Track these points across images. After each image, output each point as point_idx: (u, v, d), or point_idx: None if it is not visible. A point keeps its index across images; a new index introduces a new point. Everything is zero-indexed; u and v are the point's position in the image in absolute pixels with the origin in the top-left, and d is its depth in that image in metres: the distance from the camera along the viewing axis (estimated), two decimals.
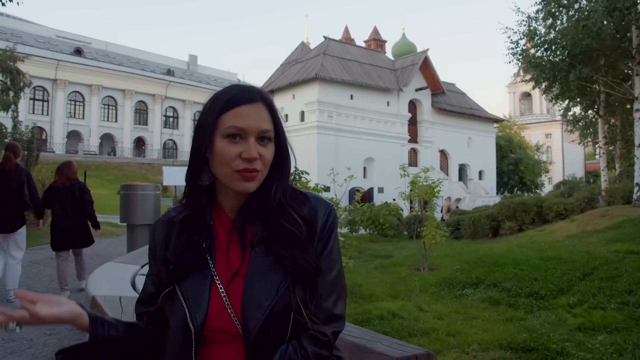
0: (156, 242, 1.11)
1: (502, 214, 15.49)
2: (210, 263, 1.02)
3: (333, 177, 8.03)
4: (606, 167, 17.43)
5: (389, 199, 25.16)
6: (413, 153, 38.35)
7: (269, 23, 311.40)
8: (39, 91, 47.84)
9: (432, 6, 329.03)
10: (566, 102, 20.11)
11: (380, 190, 33.68)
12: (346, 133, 33.40)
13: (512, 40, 16.72)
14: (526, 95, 64.89)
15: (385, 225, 15.77)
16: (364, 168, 34.38)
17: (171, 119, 59.29)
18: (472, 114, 41.91)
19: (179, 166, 19.60)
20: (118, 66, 53.91)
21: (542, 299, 5.83)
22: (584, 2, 14.86)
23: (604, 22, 13.57)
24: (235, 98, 1.01)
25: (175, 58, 65.49)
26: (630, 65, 15.07)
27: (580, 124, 22.29)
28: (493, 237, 15.29)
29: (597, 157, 21.47)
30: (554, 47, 16.03)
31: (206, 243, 1.03)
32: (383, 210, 16.65)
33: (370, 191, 32.75)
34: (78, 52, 51.93)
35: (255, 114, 1.00)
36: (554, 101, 20.21)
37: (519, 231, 14.74)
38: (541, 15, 16.06)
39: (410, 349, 1.71)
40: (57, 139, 47.98)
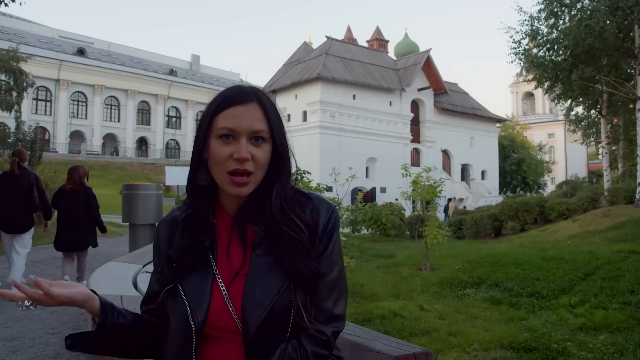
0: (160, 241, 1.12)
1: (505, 214, 15.45)
2: (212, 261, 1.03)
3: (335, 177, 8.04)
4: (609, 167, 17.33)
5: (392, 199, 25.16)
6: (415, 153, 38.30)
7: (272, 23, 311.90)
8: (42, 91, 47.97)
9: (435, 6, 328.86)
10: (569, 102, 20.04)
11: (382, 190, 33.64)
12: (348, 133, 33.35)
13: (515, 40, 16.70)
14: (529, 95, 64.79)
15: (387, 225, 15.75)
16: (367, 168, 34.34)
17: (174, 119, 59.35)
18: (475, 114, 41.79)
19: (182, 166, 19.65)
20: (121, 66, 54.03)
21: (544, 299, 5.83)
22: (587, 2, 14.85)
23: (607, 22, 13.54)
24: (228, 99, 1.01)
25: (177, 58, 65.73)
26: (632, 64, 15.02)
27: (582, 124, 22.20)
28: (495, 237, 15.26)
29: (600, 157, 21.39)
30: (556, 47, 15.99)
31: (208, 241, 1.04)
32: (385, 210, 16.63)
33: (372, 191, 32.68)
34: (81, 52, 52.05)
35: (247, 114, 1.00)
36: (557, 101, 20.14)
37: (521, 231, 14.71)
38: (543, 14, 16.05)
39: (408, 348, 1.72)
40: (60, 139, 48.08)
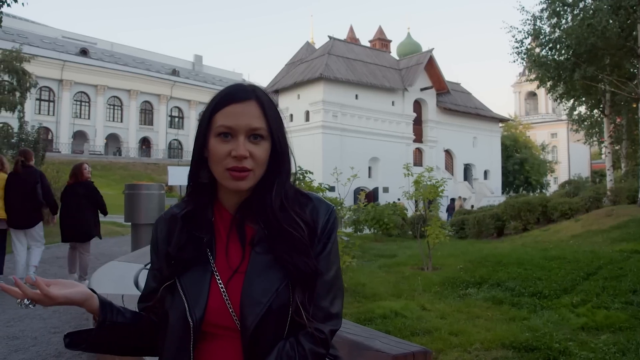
0: (158, 238, 1.12)
1: (507, 214, 15.42)
2: (210, 258, 1.04)
3: (337, 177, 8.02)
4: (612, 167, 17.25)
5: (394, 199, 25.12)
6: (418, 153, 38.26)
7: (274, 23, 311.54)
8: (45, 91, 48.16)
9: (437, 6, 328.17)
10: (571, 102, 20.01)
11: (385, 190, 33.62)
12: (351, 133, 33.34)
13: (517, 39, 16.69)
14: (532, 94, 64.69)
15: (389, 224, 15.73)
16: (369, 168, 34.33)
17: (176, 119, 59.50)
18: (478, 114, 41.73)
19: (184, 166, 19.66)
20: (123, 66, 54.21)
21: (546, 299, 5.81)
22: (589, 1, 14.81)
23: (609, 21, 13.51)
24: (226, 97, 1.02)
25: (180, 58, 65.93)
26: (635, 63, 14.97)
27: (585, 124, 22.18)
28: (498, 237, 15.23)
29: (603, 157, 21.36)
30: (559, 46, 15.97)
31: (207, 238, 1.05)
32: (387, 209, 16.61)
33: (375, 191, 32.66)
34: (84, 53, 52.24)
35: (245, 112, 1.00)
36: (559, 100, 20.10)
37: (524, 231, 14.67)
38: (546, 14, 16.03)
39: (407, 346, 1.71)
40: (63, 139, 48.26)
